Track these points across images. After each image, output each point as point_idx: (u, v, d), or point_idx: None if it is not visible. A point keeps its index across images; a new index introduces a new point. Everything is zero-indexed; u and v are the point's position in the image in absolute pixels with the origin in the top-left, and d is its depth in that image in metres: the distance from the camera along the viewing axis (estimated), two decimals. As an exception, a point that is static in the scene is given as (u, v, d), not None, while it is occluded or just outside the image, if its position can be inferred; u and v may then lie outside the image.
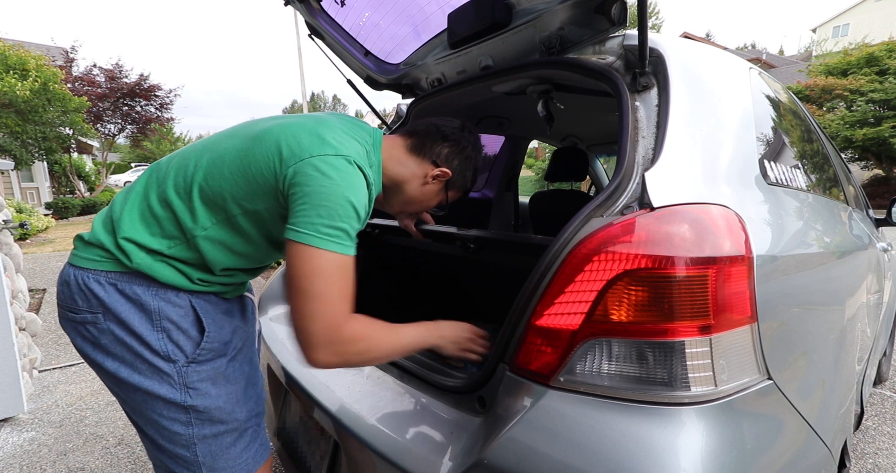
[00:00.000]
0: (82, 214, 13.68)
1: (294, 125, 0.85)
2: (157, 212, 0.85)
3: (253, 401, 0.98)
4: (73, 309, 0.86)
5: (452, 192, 1.09)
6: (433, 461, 0.79)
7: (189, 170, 0.86)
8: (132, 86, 15.73)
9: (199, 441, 0.89)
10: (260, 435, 1.00)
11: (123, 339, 0.84)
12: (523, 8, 1.12)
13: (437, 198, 1.07)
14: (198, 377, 0.87)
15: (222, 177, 0.83)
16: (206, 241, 0.85)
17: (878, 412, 2.22)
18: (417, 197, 1.05)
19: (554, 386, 0.71)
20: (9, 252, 2.54)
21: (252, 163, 0.82)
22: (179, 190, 0.85)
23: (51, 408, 2.33)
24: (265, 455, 1.00)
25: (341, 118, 0.95)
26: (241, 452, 0.94)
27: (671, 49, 0.91)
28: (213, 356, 0.90)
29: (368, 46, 1.57)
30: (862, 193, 2.22)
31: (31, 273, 5.47)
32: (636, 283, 0.66)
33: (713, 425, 0.64)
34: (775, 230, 0.85)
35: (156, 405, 0.86)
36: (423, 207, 1.10)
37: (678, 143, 0.79)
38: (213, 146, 0.89)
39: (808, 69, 15.48)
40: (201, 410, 0.88)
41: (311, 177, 0.76)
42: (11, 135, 11.02)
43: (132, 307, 0.84)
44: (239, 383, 0.95)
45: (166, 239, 0.85)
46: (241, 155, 0.83)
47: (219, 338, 0.91)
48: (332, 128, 0.85)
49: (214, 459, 0.91)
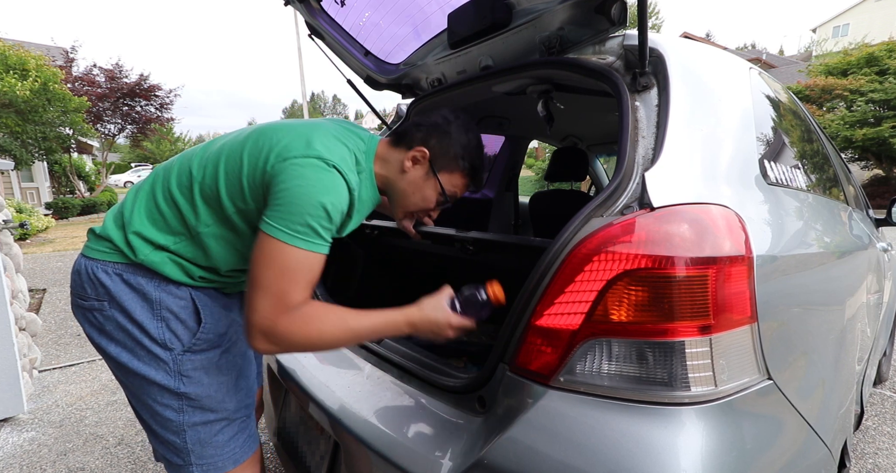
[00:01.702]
0: (82, 214, 13.67)
1: (288, 128, 0.89)
2: (163, 209, 0.90)
3: (243, 393, 1.02)
4: (83, 297, 0.92)
5: (447, 175, 1.00)
6: (433, 461, 0.79)
7: (191, 169, 0.90)
8: (132, 86, 15.71)
9: (188, 428, 0.93)
10: (248, 427, 1.03)
11: (125, 326, 0.89)
12: (523, 8, 1.12)
13: (429, 184, 0.99)
14: (192, 365, 0.92)
15: (218, 174, 0.87)
16: (210, 238, 0.90)
17: (878, 412, 2.22)
18: (408, 189, 1.00)
19: (554, 386, 0.71)
20: (9, 252, 2.54)
21: (245, 163, 0.85)
22: (183, 188, 0.90)
23: (51, 408, 2.33)
24: (253, 448, 1.03)
25: (338, 124, 0.97)
26: (228, 441, 0.98)
27: (671, 49, 0.91)
28: (207, 346, 0.94)
29: (368, 46, 1.57)
30: (862, 193, 2.22)
31: (31, 273, 5.47)
32: (636, 283, 0.66)
33: (713, 425, 0.64)
34: (775, 230, 0.85)
35: (151, 390, 0.91)
36: (422, 201, 1.02)
37: (678, 143, 0.79)
38: (212, 145, 0.93)
39: (808, 69, 15.49)
40: (193, 397, 0.93)
41: (289, 176, 0.79)
42: (11, 135, 11.02)
43: (135, 296, 0.89)
44: (231, 374, 0.99)
45: (172, 235, 0.90)
46: (237, 154, 0.87)
47: (214, 330, 0.95)
48: (322, 133, 0.87)
49: (203, 447, 0.95)
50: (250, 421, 1.04)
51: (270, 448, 1.90)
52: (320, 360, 1.21)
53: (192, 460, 0.95)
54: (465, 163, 1.01)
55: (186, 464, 0.95)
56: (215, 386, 0.95)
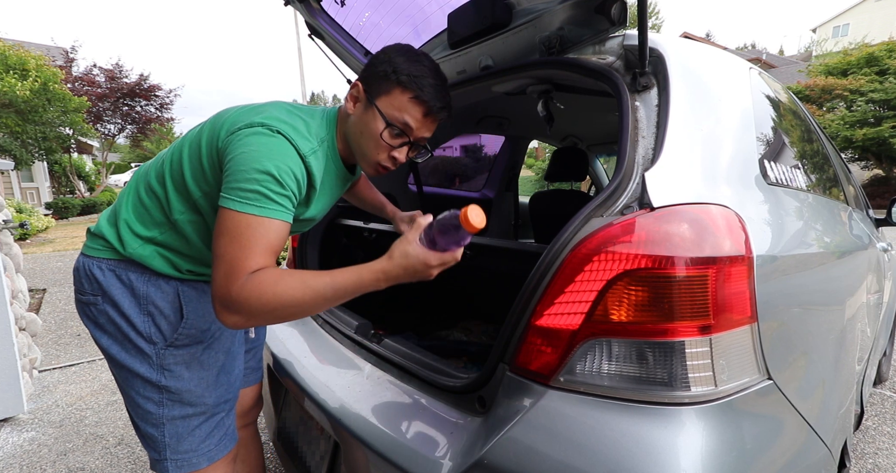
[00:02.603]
0: (82, 214, 13.68)
1: (242, 107, 0.91)
2: (145, 201, 0.94)
3: (223, 388, 1.04)
4: (81, 292, 0.96)
5: (385, 98, 0.87)
6: (433, 461, 0.79)
7: (164, 160, 0.94)
8: (132, 86, 15.71)
9: (167, 421, 0.96)
10: (226, 426, 1.05)
11: (115, 320, 0.93)
12: (523, 8, 1.12)
13: (371, 116, 0.88)
14: (173, 360, 0.95)
15: (182, 161, 0.90)
16: (186, 225, 0.92)
17: (878, 412, 2.22)
18: (355, 131, 0.91)
19: (554, 386, 0.71)
20: (9, 252, 2.54)
21: (203, 145, 0.87)
22: (159, 178, 0.93)
23: (51, 408, 2.33)
24: (229, 446, 1.05)
25: (296, 104, 0.97)
26: (205, 437, 1.00)
27: (671, 49, 0.91)
28: (189, 341, 0.97)
29: (368, 46, 1.57)
30: (862, 193, 2.22)
31: (31, 273, 5.47)
32: (636, 283, 0.67)
33: (713, 425, 0.64)
34: (775, 230, 0.85)
35: (135, 382, 0.95)
36: (373, 141, 0.89)
37: (678, 143, 0.79)
38: (183, 136, 0.97)
39: (808, 69, 15.49)
40: (173, 391, 0.95)
41: (235, 146, 0.79)
42: (11, 135, 11.02)
43: (125, 291, 0.93)
44: (212, 370, 1.01)
45: (156, 227, 0.93)
46: (196, 139, 0.90)
47: (197, 326, 0.97)
48: (273, 107, 0.89)
49: (179, 441, 0.97)
50: (229, 420, 1.06)
51: (270, 448, 1.90)
52: (320, 360, 1.21)
53: (168, 454, 0.97)
54: (402, 76, 0.86)
55: (162, 459, 0.97)
56: (195, 381, 0.98)
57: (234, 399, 1.08)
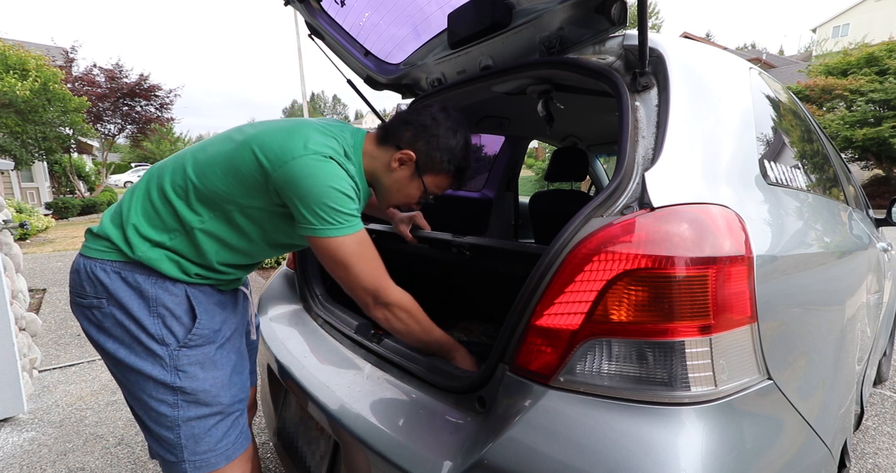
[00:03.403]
0: (82, 214, 13.67)
1: (272, 131, 0.93)
2: (158, 207, 0.94)
3: (237, 388, 1.04)
4: (82, 295, 0.94)
5: (432, 177, 1.05)
6: (433, 461, 0.79)
7: (185, 171, 0.94)
8: (132, 86, 15.69)
9: (183, 423, 0.95)
10: (241, 424, 1.04)
11: (123, 323, 0.92)
12: (523, 8, 1.12)
13: (414, 184, 1.05)
14: (187, 361, 0.95)
15: (216, 177, 0.92)
16: (202, 234, 0.94)
17: (878, 412, 2.22)
18: (393, 186, 1.05)
19: (554, 386, 0.71)
20: (9, 252, 2.54)
21: (240, 167, 0.91)
22: (177, 188, 0.94)
23: (51, 408, 2.33)
24: (245, 445, 1.04)
25: (321, 120, 1.01)
26: (221, 437, 0.99)
27: (671, 49, 0.91)
28: (202, 342, 0.97)
29: (368, 46, 1.58)
30: (862, 193, 2.22)
31: (31, 273, 5.47)
32: (636, 283, 0.66)
33: (713, 425, 0.64)
34: (775, 230, 0.85)
35: (147, 386, 0.93)
36: (405, 198, 1.08)
37: (678, 143, 0.79)
38: (206, 149, 0.97)
39: (808, 69, 15.48)
40: (188, 392, 0.95)
41: (297, 178, 0.86)
42: (11, 135, 11.01)
43: (132, 293, 0.92)
44: (225, 369, 1.01)
45: (167, 232, 0.94)
46: (229, 158, 0.93)
47: (209, 326, 0.98)
48: (307, 130, 0.92)
49: (196, 442, 0.96)
50: (243, 418, 1.06)
51: (270, 448, 1.90)
52: (320, 360, 1.21)
53: (185, 456, 0.95)
54: (451, 165, 1.05)
55: (179, 461, 0.96)
56: (210, 381, 0.97)
57: (247, 398, 1.08)
